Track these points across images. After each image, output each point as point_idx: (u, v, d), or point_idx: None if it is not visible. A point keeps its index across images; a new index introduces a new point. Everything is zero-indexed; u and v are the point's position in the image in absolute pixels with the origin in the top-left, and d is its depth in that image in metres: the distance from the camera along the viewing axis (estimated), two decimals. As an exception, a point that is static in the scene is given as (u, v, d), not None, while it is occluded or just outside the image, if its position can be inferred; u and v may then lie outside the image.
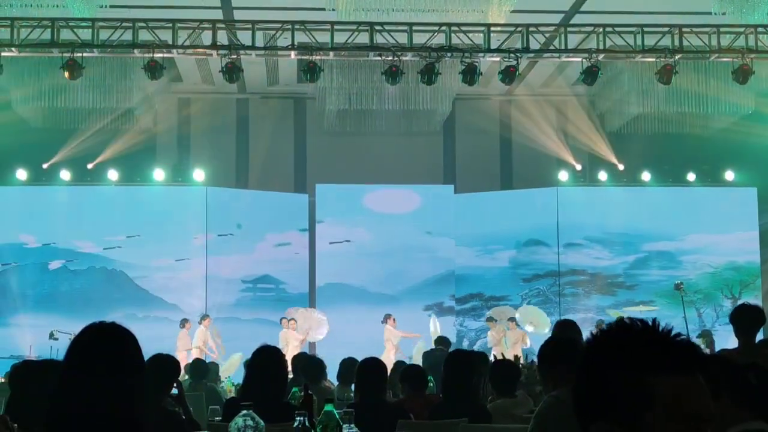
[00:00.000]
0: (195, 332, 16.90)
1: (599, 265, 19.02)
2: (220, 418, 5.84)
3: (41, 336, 16.25)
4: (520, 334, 17.22)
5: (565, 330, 6.67)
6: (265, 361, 5.64)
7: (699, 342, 15.07)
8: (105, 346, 2.74)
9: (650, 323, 1.90)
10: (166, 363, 5.78)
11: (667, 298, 18.35)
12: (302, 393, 5.11)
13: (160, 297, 18.15)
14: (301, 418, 4.09)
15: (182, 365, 13.26)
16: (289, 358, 16.05)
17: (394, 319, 17.42)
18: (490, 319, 17.81)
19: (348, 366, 8.53)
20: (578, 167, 19.55)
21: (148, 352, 3.20)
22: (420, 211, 19.50)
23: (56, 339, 15.52)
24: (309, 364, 8.42)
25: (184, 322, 17.05)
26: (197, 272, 18.26)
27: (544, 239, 19.04)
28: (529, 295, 19.01)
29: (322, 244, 19.19)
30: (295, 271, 19.20)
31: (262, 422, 3.92)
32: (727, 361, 3.82)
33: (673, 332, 1.89)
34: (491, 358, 9.66)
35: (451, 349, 12.41)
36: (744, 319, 6.96)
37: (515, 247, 19.17)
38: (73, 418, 2.62)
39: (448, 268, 19.33)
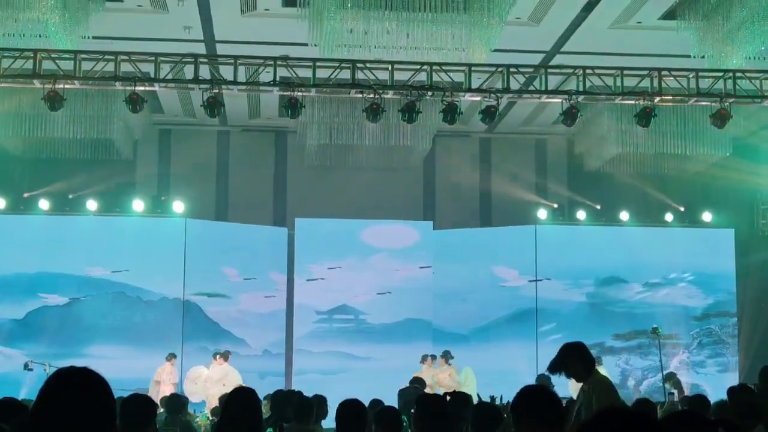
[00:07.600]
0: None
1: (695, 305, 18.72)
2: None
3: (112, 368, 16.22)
4: (449, 370, 17.03)
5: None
6: (240, 402, 5.64)
7: (667, 386, 15.11)
8: (75, 394, 2.68)
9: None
10: (143, 404, 5.75)
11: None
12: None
13: (229, 330, 18.26)
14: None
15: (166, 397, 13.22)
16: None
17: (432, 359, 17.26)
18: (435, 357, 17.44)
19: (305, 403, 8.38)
20: (555, 206, 19.61)
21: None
22: (420, 245, 19.24)
23: (31, 370, 15.37)
24: (300, 404, 8.19)
25: (171, 356, 16.95)
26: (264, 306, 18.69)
27: (622, 276, 18.68)
28: (700, 335, 18.58)
29: (304, 278, 19.04)
30: (372, 303, 19.01)
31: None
32: (697, 415, 3.87)
33: None
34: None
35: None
36: None
37: (596, 284, 18.72)
38: None
39: (523, 303, 18.74)
